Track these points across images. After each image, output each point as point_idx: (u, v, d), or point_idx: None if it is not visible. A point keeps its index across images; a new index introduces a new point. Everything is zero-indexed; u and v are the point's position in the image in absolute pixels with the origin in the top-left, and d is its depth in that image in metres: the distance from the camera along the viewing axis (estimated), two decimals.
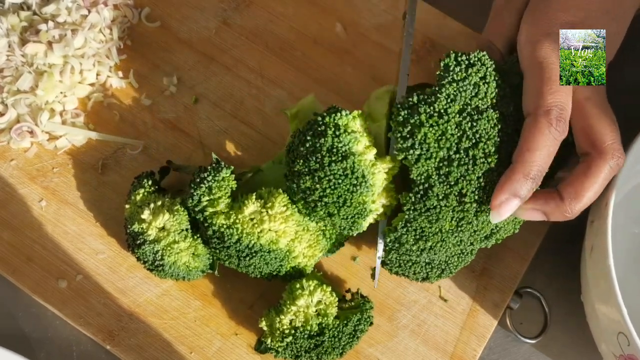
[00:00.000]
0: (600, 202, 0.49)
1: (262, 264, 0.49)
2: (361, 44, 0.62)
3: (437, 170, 0.45)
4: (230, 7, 0.63)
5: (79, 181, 0.57)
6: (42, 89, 0.56)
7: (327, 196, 0.45)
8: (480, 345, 0.55)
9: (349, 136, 0.45)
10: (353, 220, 0.47)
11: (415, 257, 0.49)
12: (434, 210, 0.45)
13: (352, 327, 0.50)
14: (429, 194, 0.45)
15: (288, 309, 0.49)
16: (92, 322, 0.54)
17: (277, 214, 0.48)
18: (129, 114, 0.59)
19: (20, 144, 0.57)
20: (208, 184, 0.48)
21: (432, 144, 0.44)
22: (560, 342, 0.57)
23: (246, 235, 0.48)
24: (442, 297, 0.56)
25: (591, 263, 0.50)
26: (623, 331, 0.45)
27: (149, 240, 0.49)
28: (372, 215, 0.48)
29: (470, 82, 0.45)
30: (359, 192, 0.45)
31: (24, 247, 0.55)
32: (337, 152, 0.45)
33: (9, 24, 0.58)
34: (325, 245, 0.52)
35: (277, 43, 0.62)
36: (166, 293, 0.55)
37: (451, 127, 0.44)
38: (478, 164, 0.45)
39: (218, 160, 0.50)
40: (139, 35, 0.62)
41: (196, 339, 0.54)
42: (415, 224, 0.46)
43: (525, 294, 0.58)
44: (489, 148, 0.45)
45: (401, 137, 0.45)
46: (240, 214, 0.48)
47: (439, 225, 0.46)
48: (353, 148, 0.46)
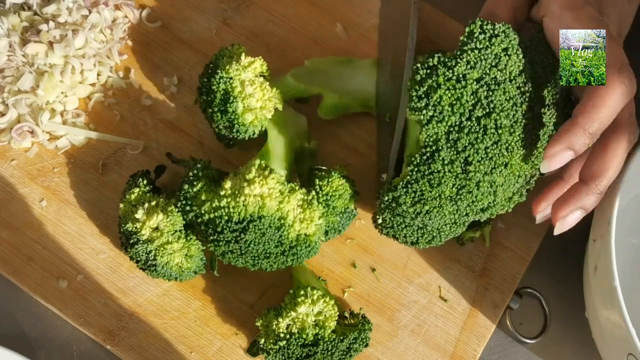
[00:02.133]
0: (602, 221, 0.49)
1: (259, 238, 0.48)
2: (361, 44, 0.62)
3: (447, 135, 0.45)
4: (231, 7, 0.63)
5: (80, 181, 0.57)
6: (42, 89, 0.56)
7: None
8: (480, 345, 0.55)
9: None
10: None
11: (409, 220, 0.48)
12: (437, 174, 0.45)
13: (347, 345, 0.49)
14: (435, 158, 0.45)
15: (287, 314, 0.49)
16: (93, 321, 0.54)
17: (255, 178, 0.48)
18: (129, 114, 0.59)
19: (21, 143, 0.57)
20: (189, 180, 0.49)
21: (445, 107, 0.45)
22: (560, 343, 0.57)
23: (233, 209, 0.48)
24: (442, 297, 0.56)
25: (595, 282, 0.50)
26: (633, 352, 0.45)
27: (142, 240, 0.49)
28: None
29: (492, 52, 0.45)
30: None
31: (25, 247, 0.55)
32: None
33: (10, 24, 0.58)
34: (324, 212, 0.51)
35: (277, 43, 0.62)
36: (166, 293, 0.55)
37: (467, 93, 0.44)
38: (488, 134, 0.45)
39: (193, 158, 0.52)
40: (140, 36, 0.62)
41: (196, 338, 0.54)
42: (415, 186, 0.46)
43: (525, 294, 0.58)
44: (501, 120, 0.45)
45: (416, 96, 0.45)
46: (222, 190, 0.48)
47: (440, 190, 0.46)
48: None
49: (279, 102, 0.54)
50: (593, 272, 0.50)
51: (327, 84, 0.57)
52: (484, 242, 0.57)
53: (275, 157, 0.52)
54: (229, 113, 0.52)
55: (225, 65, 0.52)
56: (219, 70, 0.52)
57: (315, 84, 0.57)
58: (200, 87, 0.54)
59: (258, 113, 0.53)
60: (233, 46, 0.55)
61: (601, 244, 0.48)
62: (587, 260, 0.52)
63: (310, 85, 0.56)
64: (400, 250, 0.57)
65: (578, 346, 0.57)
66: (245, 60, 0.53)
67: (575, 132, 0.44)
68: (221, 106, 0.52)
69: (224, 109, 0.52)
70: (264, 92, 0.53)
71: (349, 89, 0.57)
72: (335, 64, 0.58)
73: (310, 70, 0.57)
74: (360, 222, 0.57)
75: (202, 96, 0.54)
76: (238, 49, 0.54)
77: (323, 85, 0.57)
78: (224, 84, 0.52)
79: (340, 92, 0.57)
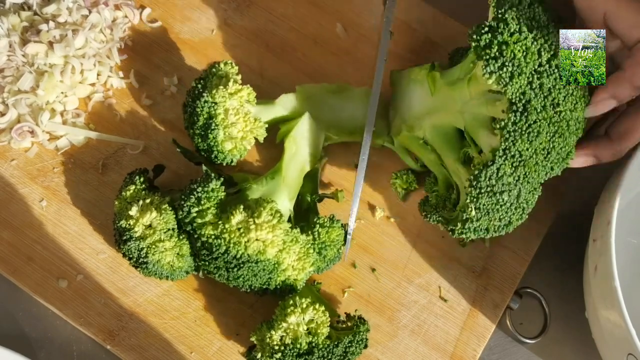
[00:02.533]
0: (602, 221, 0.49)
1: (250, 276, 0.49)
2: (361, 44, 0.62)
3: (530, 84, 0.46)
4: (231, 7, 0.63)
5: (80, 181, 0.57)
6: (42, 89, 0.56)
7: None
8: (480, 345, 0.55)
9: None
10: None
11: (507, 195, 0.48)
12: (535, 125, 0.46)
13: (343, 349, 0.49)
14: (528, 109, 0.46)
15: (279, 325, 0.49)
16: (93, 322, 0.54)
17: (264, 222, 0.48)
18: (129, 114, 0.59)
19: (21, 143, 0.57)
20: (197, 195, 0.49)
21: (520, 58, 0.45)
22: (560, 343, 0.57)
23: (233, 245, 0.48)
24: (442, 297, 0.56)
25: (595, 283, 0.50)
26: (633, 352, 0.45)
27: (135, 237, 0.50)
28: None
29: (525, 4, 0.47)
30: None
31: (25, 247, 0.55)
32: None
33: (10, 24, 0.58)
34: (316, 259, 0.52)
35: (277, 43, 0.62)
36: (167, 293, 0.55)
37: (529, 41, 0.45)
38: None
39: (207, 172, 0.50)
40: (140, 36, 0.62)
41: (196, 338, 0.54)
42: (514, 148, 0.46)
43: (525, 294, 0.58)
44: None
45: (490, 58, 0.46)
46: (228, 223, 0.48)
47: (537, 143, 0.46)
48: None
49: (261, 134, 0.54)
50: (593, 272, 0.50)
51: (316, 114, 0.56)
52: (484, 242, 0.57)
53: (286, 185, 0.53)
54: (209, 139, 0.52)
55: (213, 87, 0.52)
56: (205, 93, 0.52)
57: (303, 113, 0.56)
58: (186, 105, 0.54)
59: (238, 143, 0.53)
60: (226, 64, 0.54)
61: (601, 244, 0.48)
62: (587, 260, 0.52)
63: (299, 114, 0.56)
64: (400, 250, 0.57)
65: (578, 346, 0.57)
66: (233, 87, 0.52)
67: (621, 84, 0.46)
68: (203, 130, 0.52)
69: (204, 134, 0.52)
70: (247, 122, 0.53)
71: (338, 120, 0.57)
72: (326, 92, 0.58)
73: (300, 97, 0.57)
74: (360, 222, 0.57)
75: (186, 114, 0.54)
76: (230, 69, 0.54)
77: (311, 115, 0.56)
78: (208, 109, 0.52)
79: (329, 123, 0.57)
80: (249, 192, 0.52)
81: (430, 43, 0.63)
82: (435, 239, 0.57)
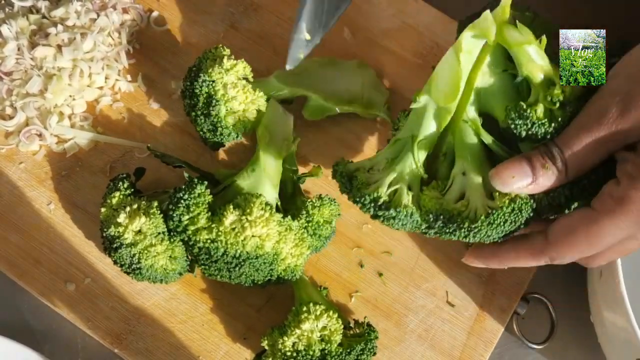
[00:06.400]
0: None
1: (252, 271, 0.49)
2: (369, 48, 0.62)
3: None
4: (238, 10, 0.63)
5: (87, 184, 0.57)
6: (51, 92, 0.56)
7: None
8: (487, 350, 0.55)
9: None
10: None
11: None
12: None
13: (355, 356, 0.49)
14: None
15: (292, 332, 0.49)
16: (100, 325, 0.54)
17: (257, 218, 0.48)
18: (137, 117, 0.59)
19: (29, 147, 0.57)
20: (185, 203, 0.49)
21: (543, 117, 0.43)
22: (567, 348, 0.57)
23: (231, 245, 0.48)
24: (449, 302, 0.56)
25: (601, 287, 0.50)
26: None
27: (126, 244, 0.49)
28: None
29: None
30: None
31: (32, 250, 0.55)
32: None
33: (19, 27, 0.58)
34: (311, 242, 0.52)
35: (285, 47, 0.61)
36: (174, 297, 0.55)
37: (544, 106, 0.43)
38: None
39: (191, 178, 0.50)
40: (148, 39, 0.62)
41: (204, 342, 0.54)
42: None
43: (532, 300, 0.58)
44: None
45: (538, 123, 0.43)
46: (221, 225, 0.48)
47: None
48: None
49: (262, 104, 0.54)
50: (598, 277, 0.50)
51: (312, 86, 0.57)
52: None
53: (267, 174, 0.52)
54: (212, 116, 0.52)
55: (208, 68, 0.52)
56: (201, 74, 0.52)
57: (300, 85, 0.57)
58: (184, 90, 0.54)
59: (241, 116, 0.53)
60: (217, 49, 0.55)
61: None
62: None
63: (295, 87, 0.57)
64: (407, 255, 0.57)
65: (586, 350, 0.57)
66: (228, 63, 0.53)
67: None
68: (204, 109, 0.52)
69: (207, 112, 0.52)
70: (247, 94, 0.53)
71: (334, 90, 0.58)
72: (319, 65, 0.59)
73: (294, 71, 0.57)
74: (367, 226, 0.58)
75: (186, 99, 0.54)
76: (221, 52, 0.54)
77: (308, 87, 0.57)
78: (206, 87, 0.52)
79: (326, 94, 0.57)
80: (234, 188, 0.52)
81: (437, 47, 0.62)
82: (442, 244, 0.57)
